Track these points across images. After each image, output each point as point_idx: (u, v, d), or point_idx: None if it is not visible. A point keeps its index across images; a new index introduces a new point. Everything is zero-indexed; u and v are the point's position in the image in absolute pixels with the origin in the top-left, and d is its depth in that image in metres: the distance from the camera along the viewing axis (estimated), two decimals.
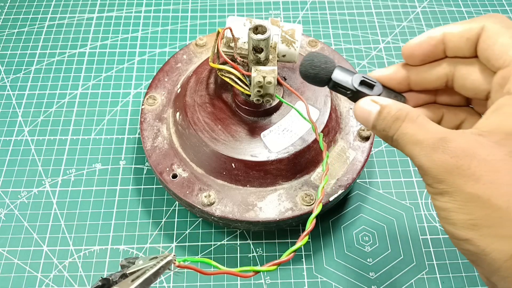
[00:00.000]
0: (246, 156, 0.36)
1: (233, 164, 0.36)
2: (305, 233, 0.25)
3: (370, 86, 0.27)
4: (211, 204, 0.36)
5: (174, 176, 0.37)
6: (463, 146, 0.22)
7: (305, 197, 0.36)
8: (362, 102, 0.26)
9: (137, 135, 0.45)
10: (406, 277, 0.37)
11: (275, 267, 0.24)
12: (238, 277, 0.37)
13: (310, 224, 0.25)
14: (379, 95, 0.27)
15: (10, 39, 0.53)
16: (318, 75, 0.28)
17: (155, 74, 0.45)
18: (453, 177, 0.21)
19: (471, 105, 0.28)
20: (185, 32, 0.54)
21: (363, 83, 0.27)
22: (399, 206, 0.41)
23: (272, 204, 0.36)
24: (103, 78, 0.50)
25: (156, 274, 0.20)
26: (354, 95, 0.27)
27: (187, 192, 0.36)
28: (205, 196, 0.36)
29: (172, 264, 0.22)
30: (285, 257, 0.24)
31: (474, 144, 0.22)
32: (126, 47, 0.53)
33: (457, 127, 0.28)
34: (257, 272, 0.23)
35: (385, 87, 0.28)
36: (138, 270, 0.21)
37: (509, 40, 0.23)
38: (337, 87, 0.28)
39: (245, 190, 0.37)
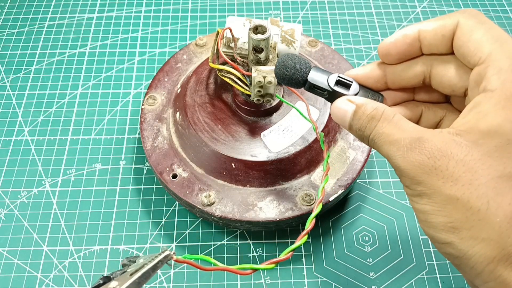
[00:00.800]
0: (246, 156, 0.36)
1: (233, 164, 0.36)
2: (304, 232, 0.25)
3: (347, 85, 0.27)
4: (211, 204, 0.36)
5: (174, 176, 0.37)
6: (440, 146, 0.21)
7: (305, 197, 0.36)
8: (338, 101, 0.26)
9: (137, 135, 0.45)
10: (406, 277, 0.37)
11: (273, 265, 0.24)
12: (238, 277, 0.37)
13: (310, 224, 0.25)
14: (355, 94, 0.26)
15: (10, 39, 0.53)
16: (293, 76, 0.27)
17: (155, 74, 0.45)
18: (431, 178, 0.21)
19: (450, 102, 0.28)
20: (185, 32, 0.54)
21: (339, 82, 0.26)
22: (399, 206, 0.41)
23: (272, 204, 0.36)
24: (103, 78, 0.50)
25: (154, 268, 0.20)
26: (331, 96, 0.27)
27: (187, 192, 0.36)
28: (205, 196, 0.36)
29: (171, 259, 0.22)
30: (283, 255, 0.24)
31: (451, 144, 0.21)
32: (126, 47, 0.53)
33: (437, 124, 0.28)
34: (255, 269, 0.23)
35: (362, 86, 0.27)
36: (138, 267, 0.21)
37: (483, 36, 0.23)
38: (313, 88, 0.27)
39: (245, 190, 0.37)
